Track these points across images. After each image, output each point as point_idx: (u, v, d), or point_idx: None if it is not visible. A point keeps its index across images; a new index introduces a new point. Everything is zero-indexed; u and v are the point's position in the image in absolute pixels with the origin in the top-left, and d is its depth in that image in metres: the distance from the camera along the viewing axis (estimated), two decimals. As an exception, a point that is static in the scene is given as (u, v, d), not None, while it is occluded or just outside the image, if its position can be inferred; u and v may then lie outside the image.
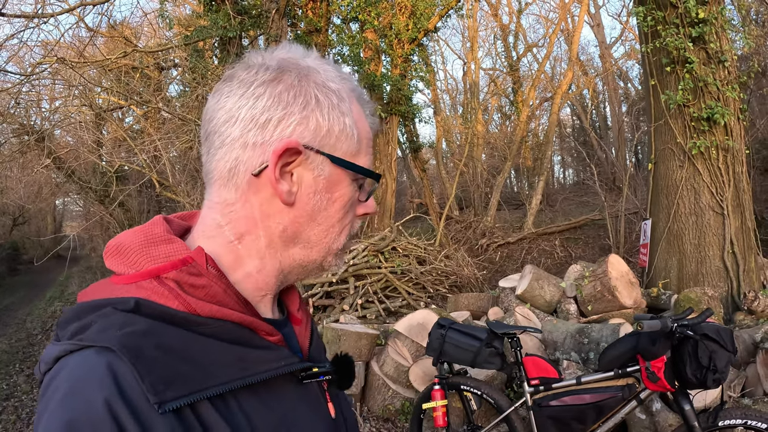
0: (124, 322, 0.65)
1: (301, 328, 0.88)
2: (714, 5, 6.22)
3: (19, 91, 11.60)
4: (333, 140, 0.78)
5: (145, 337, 0.64)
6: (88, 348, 0.64)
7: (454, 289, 9.62)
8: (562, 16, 18.22)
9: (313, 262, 0.82)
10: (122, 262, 0.74)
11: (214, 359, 0.68)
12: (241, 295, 0.76)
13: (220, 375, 0.67)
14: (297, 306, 0.90)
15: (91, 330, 0.65)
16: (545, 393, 3.47)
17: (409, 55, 12.86)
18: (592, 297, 5.52)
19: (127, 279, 0.72)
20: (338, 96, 0.79)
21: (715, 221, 6.41)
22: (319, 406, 0.83)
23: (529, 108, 17.22)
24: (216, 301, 0.72)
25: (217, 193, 0.79)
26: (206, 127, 0.79)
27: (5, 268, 22.13)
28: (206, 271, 0.73)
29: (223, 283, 0.74)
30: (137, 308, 0.67)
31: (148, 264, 0.72)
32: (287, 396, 0.77)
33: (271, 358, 0.74)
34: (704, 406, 3.66)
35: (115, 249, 0.75)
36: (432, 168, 21.28)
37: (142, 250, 0.74)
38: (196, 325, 0.69)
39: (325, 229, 0.80)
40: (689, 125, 6.42)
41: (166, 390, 0.62)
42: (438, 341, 3.88)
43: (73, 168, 14.57)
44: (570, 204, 16.55)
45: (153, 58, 13.56)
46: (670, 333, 2.82)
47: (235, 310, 0.73)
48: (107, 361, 0.62)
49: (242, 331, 0.73)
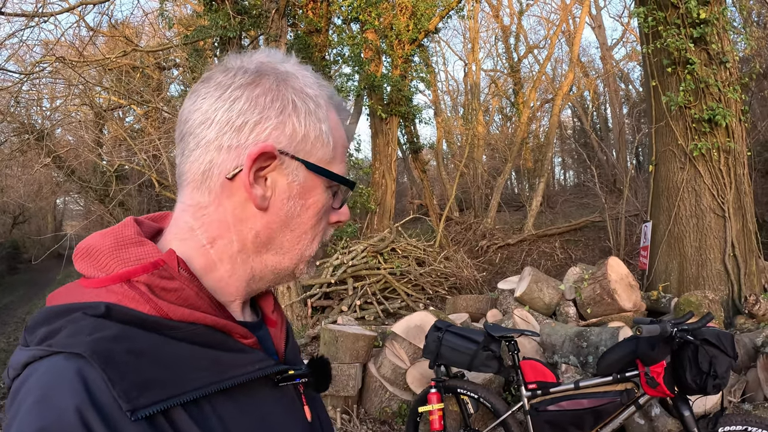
0: (94, 328, 0.63)
1: (276, 330, 0.87)
2: (715, 6, 6.18)
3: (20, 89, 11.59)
4: (308, 146, 0.78)
5: (115, 342, 0.63)
6: (57, 354, 0.62)
7: (453, 291, 9.58)
8: (563, 18, 18.20)
9: (286, 269, 0.82)
10: (92, 265, 0.72)
11: (187, 364, 0.67)
12: (214, 298, 0.75)
13: (193, 380, 0.66)
14: (271, 308, 0.89)
15: (61, 335, 0.63)
16: (543, 397, 3.43)
17: (409, 55, 12.84)
18: (591, 300, 5.48)
19: (98, 282, 0.70)
20: (315, 102, 0.79)
21: (716, 224, 6.36)
22: (296, 410, 0.82)
23: (530, 109, 17.19)
24: (188, 305, 0.71)
25: (190, 196, 0.78)
26: (181, 128, 0.78)
27: (5, 266, 22.17)
28: (178, 274, 0.71)
29: (195, 286, 0.72)
30: (108, 313, 0.65)
31: (118, 267, 0.71)
32: (263, 400, 0.76)
33: (246, 362, 0.73)
34: (704, 411, 3.62)
35: (85, 251, 0.74)
36: (432, 169, 21.25)
37: (112, 252, 0.72)
38: (169, 329, 0.67)
39: (298, 236, 0.80)
40: (690, 127, 6.38)
41: (139, 396, 0.60)
42: (435, 344, 3.85)
43: (73, 167, 14.58)
44: (570, 206, 16.52)
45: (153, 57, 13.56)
46: (669, 338, 2.78)
47: (208, 314, 0.72)
48: (77, 367, 0.60)
49: (216, 335, 0.72)
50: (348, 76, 12.99)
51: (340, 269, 8.56)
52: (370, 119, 13.37)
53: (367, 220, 12.52)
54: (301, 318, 8.08)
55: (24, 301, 16.22)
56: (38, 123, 14.91)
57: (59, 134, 16.17)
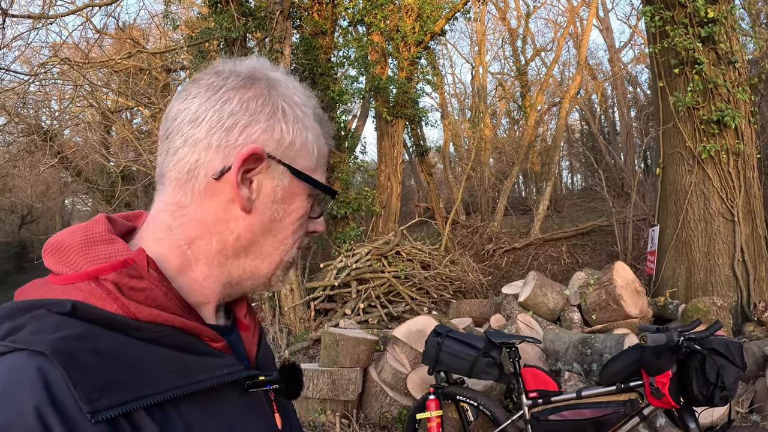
0: (59, 325, 0.62)
1: (249, 334, 0.86)
2: (723, 4, 6.09)
3: (26, 91, 11.64)
4: (294, 152, 0.78)
5: (79, 341, 0.61)
6: (19, 351, 0.61)
7: (458, 295, 9.50)
8: (571, 20, 18.11)
9: (264, 275, 0.81)
10: (60, 261, 0.71)
11: (152, 366, 0.65)
12: (183, 300, 0.74)
13: (158, 382, 0.65)
14: (244, 312, 0.87)
15: (24, 332, 0.62)
16: (544, 406, 3.35)
17: (415, 58, 12.78)
18: (596, 305, 5.38)
19: (65, 279, 0.69)
20: (303, 111, 0.80)
21: (725, 228, 6.25)
22: (265, 416, 0.81)
23: (537, 112, 17.10)
24: (156, 305, 0.69)
25: (172, 194, 0.77)
26: (168, 126, 0.78)
27: (12, 265, 22.35)
28: (147, 273, 0.70)
29: (164, 286, 0.71)
30: (73, 311, 0.64)
31: (86, 264, 0.70)
32: (232, 405, 0.74)
33: (214, 365, 0.72)
34: (711, 423, 3.52)
35: (54, 247, 0.73)
36: (439, 172, 21.19)
37: (81, 249, 0.71)
38: (135, 329, 0.66)
39: (280, 241, 0.80)
40: (699, 128, 6.28)
41: (100, 398, 0.59)
42: (434, 349, 3.79)
43: (80, 168, 14.64)
44: (577, 210, 16.41)
45: (160, 59, 13.58)
46: (675, 347, 2.69)
47: (177, 315, 0.71)
48: (38, 365, 0.59)
49: (184, 337, 0.70)
50: (354, 79, 12.95)
51: (344, 272, 8.50)
52: (376, 122, 13.32)
53: (372, 223, 12.46)
54: (303, 321, 8.03)
55: (30, 301, 16.29)
56: (45, 124, 15.00)
57: (66, 135, 16.28)
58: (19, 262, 23.62)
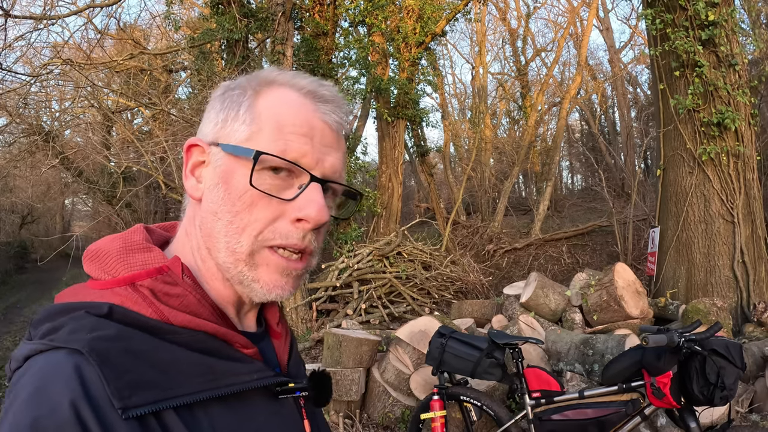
0: (95, 326, 0.65)
1: (280, 342, 0.87)
2: (724, 7, 6.11)
3: (28, 91, 11.65)
4: (228, 129, 0.77)
5: (114, 341, 0.64)
6: (57, 349, 0.64)
7: (459, 295, 9.53)
8: (571, 21, 18.14)
9: (227, 270, 0.75)
10: (99, 267, 0.74)
11: (183, 368, 0.67)
12: (216, 306, 0.76)
13: (188, 385, 0.66)
14: (277, 320, 0.88)
15: (62, 331, 0.65)
16: (547, 406, 3.38)
17: (416, 58, 12.80)
18: (597, 306, 5.42)
19: (103, 284, 0.72)
20: (243, 87, 0.78)
21: (725, 229, 6.29)
22: (295, 423, 0.81)
23: (538, 113, 17.12)
24: (190, 311, 0.72)
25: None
26: None
27: (13, 266, 22.33)
28: (182, 280, 0.73)
29: (198, 293, 0.74)
30: (110, 313, 0.67)
31: (124, 271, 0.73)
32: (261, 411, 0.75)
33: (244, 371, 0.73)
34: (711, 422, 3.55)
35: (94, 254, 0.76)
36: (439, 172, 21.20)
37: (119, 256, 0.74)
38: (168, 333, 0.68)
39: (225, 225, 0.74)
40: (699, 130, 6.31)
41: (132, 396, 0.61)
42: (438, 350, 3.81)
43: (81, 168, 14.64)
44: (578, 210, 16.43)
45: (161, 60, 13.59)
46: (676, 348, 2.72)
47: (210, 321, 0.73)
48: (75, 362, 0.61)
49: (215, 342, 0.72)
50: (355, 79, 12.97)
51: (345, 272, 8.53)
52: (377, 122, 13.34)
53: (373, 224, 12.49)
54: (305, 321, 8.05)
55: (30, 300, 16.30)
56: (47, 124, 15.00)
57: (67, 136, 16.28)
58: (20, 262, 23.61)
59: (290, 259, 0.75)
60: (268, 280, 0.75)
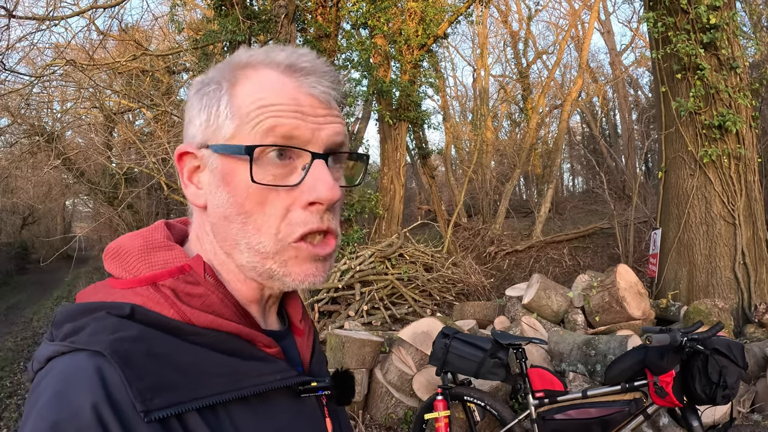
0: (117, 327, 0.64)
1: (303, 339, 0.85)
2: (725, 10, 6.14)
3: (30, 92, 11.67)
4: (212, 129, 0.73)
5: (136, 343, 0.63)
6: (79, 351, 0.63)
7: (461, 297, 9.53)
8: (572, 23, 18.16)
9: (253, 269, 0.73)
10: (120, 266, 0.73)
11: (206, 369, 0.66)
12: (239, 305, 0.73)
13: (211, 386, 0.66)
14: (299, 316, 0.86)
15: (84, 333, 0.64)
16: (550, 406, 3.40)
17: (418, 61, 12.83)
18: (599, 308, 5.44)
19: (125, 284, 0.71)
20: (216, 80, 0.74)
21: (726, 231, 6.31)
22: (317, 422, 0.80)
23: (539, 115, 17.14)
24: (212, 311, 0.70)
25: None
26: None
27: (14, 266, 22.35)
28: (204, 280, 0.71)
29: (220, 292, 0.72)
30: (131, 314, 0.66)
31: (145, 270, 0.72)
32: (283, 410, 0.74)
33: (267, 371, 0.72)
34: (713, 422, 3.57)
35: (115, 252, 0.75)
36: (441, 175, 21.20)
37: (141, 255, 0.73)
38: (190, 334, 0.68)
39: (240, 227, 0.71)
40: (700, 133, 6.34)
41: (154, 398, 0.61)
42: (442, 351, 3.82)
43: (82, 169, 14.66)
44: (579, 212, 16.43)
45: (163, 61, 13.63)
46: (679, 347, 2.74)
47: (233, 321, 0.71)
48: (97, 365, 0.61)
49: (238, 342, 0.71)
50: (357, 81, 12.98)
51: (347, 274, 8.54)
52: (379, 124, 13.36)
53: (375, 226, 12.49)
54: (307, 322, 8.06)
55: (32, 301, 16.30)
56: (48, 125, 15.02)
57: (69, 137, 16.30)
58: (21, 263, 23.63)
59: (316, 244, 0.72)
60: (300, 271, 0.72)
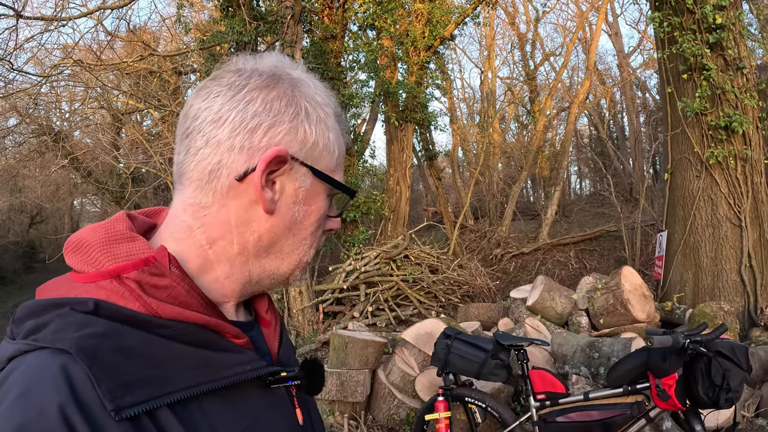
0: (82, 324, 0.62)
1: (270, 330, 0.86)
2: (731, 10, 6.10)
3: (38, 92, 11.75)
4: (317, 153, 0.78)
5: (102, 339, 0.61)
6: (43, 349, 0.61)
7: (466, 299, 9.52)
8: (580, 25, 18.12)
9: (282, 274, 0.81)
10: (82, 259, 0.71)
11: (175, 363, 0.65)
12: (206, 297, 0.73)
13: (181, 380, 0.65)
14: (266, 308, 0.87)
15: (47, 330, 0.62)
16: (551, 408, 3.38)
17: (425, 62, 12.82)
18: (604, 310, 5.41)
19: (87, 278, 0.69)
20: (324, 111, 0.80)
21: (733, 233, 6.26)
22: (287, 412, 0.80)
23: (546, 117, 17.11)
24: (179, 303, 0.69)
25: (192, 195, 0.76)
26: (188, 124, 0.76)
27: (21, 265, 22.47)
28: (169, 271, 0.70)
29: (186, 284, 0.71)
30: (96, 309, 0.63)
31: (108, 263, 0.69)
32: (254, 401, 0.74)
33: (237, 362, 0.72)
34: (716, 426, 3.54)
35: (76, 245, 0.72)
36: (447, 176, 21.19)
37: (102, 247, 0.71)
38: (158, 327, 0.66)
39: (299, 241, 0.80)
40: (707, 134, 6.30)
41: (124, 395, 0.59)
42: (443, 351, 3.81)
43: (90, 169, 14.74)
44: (586, 215, 16.38)
45: (171, 62, 13.68)
46: (681, 349, 2.72)
47: (199, 312, 0.70)
48: (62, 363, 0.59)
49: (206, 334, 0.70)
50: (363, 83, 13.01)
51: (352, 275, 8.54)
52: (386, 126, 13.36)
53: (380, 227, 12.49)
54: (312, 323, 8.07)
55: (39, 301, 16.38)
56: (56, 125, 15.11)
57: (77, 136, 16.39)
58: (28, 262, 23.73)
59: None
60: (299, 276, 0.84)
